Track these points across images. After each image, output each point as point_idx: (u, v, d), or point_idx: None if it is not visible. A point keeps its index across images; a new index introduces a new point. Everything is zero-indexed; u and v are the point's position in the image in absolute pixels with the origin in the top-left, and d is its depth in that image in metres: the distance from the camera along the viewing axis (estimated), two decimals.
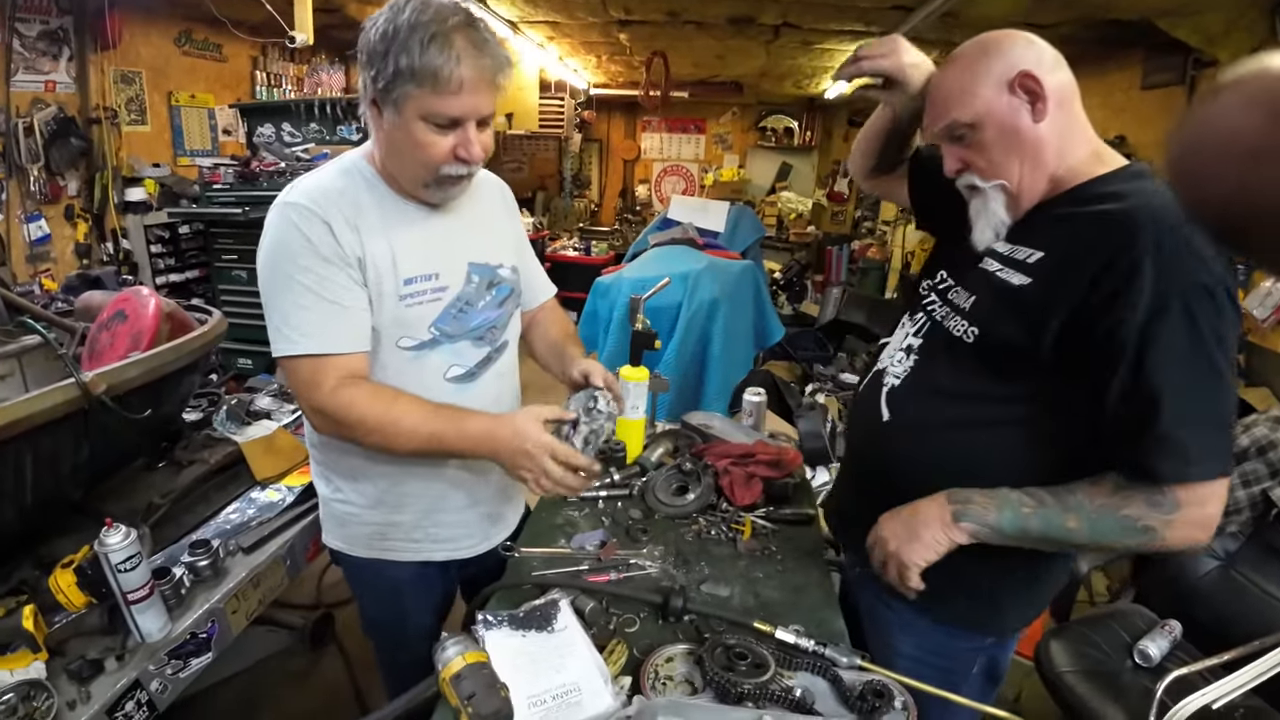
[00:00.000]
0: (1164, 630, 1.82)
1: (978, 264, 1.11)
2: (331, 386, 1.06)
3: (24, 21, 3.66)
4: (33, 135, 3.72)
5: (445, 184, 1.09)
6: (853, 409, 1.36)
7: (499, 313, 1.25)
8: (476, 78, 0.99)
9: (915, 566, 1.02)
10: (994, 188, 1.03)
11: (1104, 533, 0.94)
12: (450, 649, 0.77)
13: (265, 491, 1.66)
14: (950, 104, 1.02)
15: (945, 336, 1.11)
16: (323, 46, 5.57)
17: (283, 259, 1.06)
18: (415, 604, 1.38)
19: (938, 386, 1.11)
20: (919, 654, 1.18)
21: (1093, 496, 0.95)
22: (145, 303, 1.60)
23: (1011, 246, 1.06)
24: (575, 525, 1.49)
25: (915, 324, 1.20)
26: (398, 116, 1.02)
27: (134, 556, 1.11)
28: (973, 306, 1.08)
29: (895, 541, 1.04)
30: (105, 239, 4.20)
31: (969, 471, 1.05)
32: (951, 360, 1.10)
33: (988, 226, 1.06)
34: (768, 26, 4.53)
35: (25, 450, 1.23)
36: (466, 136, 1.04)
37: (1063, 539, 0.96)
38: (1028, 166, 1.01)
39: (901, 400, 1.16)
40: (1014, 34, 1.02)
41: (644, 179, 9.25)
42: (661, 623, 1.18)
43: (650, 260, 3.94)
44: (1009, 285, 1.02)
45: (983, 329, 1.05)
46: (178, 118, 4.72)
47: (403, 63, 0.96)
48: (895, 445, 1.16)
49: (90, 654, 1.14)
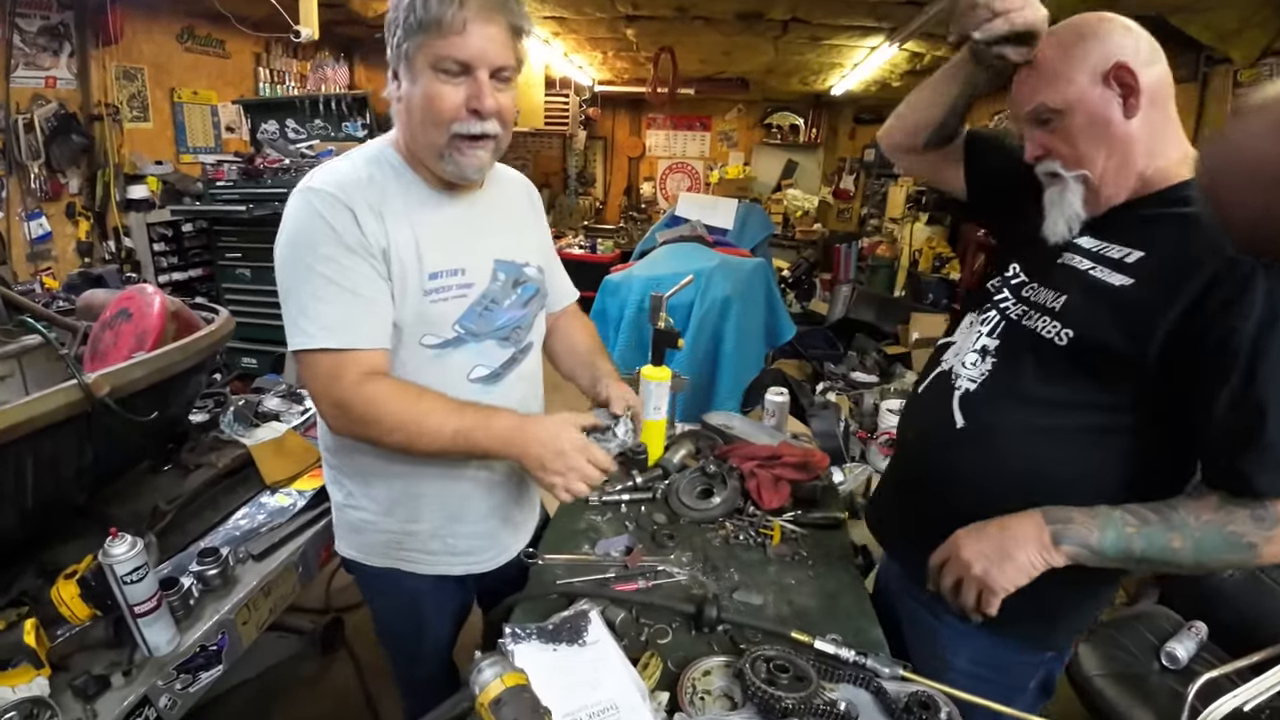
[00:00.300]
0: (1190, 632, 1.81)
1: (1057, 260, 1.04)
2: (353, 381, 1.01)
3: (24, 16, 3.61)
4: (33, 132, 3.67)
5: (460, 146, 1.02)
6: (911, 413, 1.27)
7: (524, 312, 1.20)
8: (483, 20, 0.95)
9: (1003, 592, 0.94)
10: (1075, 178, 0.99)
11: (1208, 551, 0.88)
12: (487, 671, 0.72)
13: (275, 496, 1.61)
14: (1041, 86, 0.97)
15: (1029, 337, 1.04)
16: (327, 42, 5.53)
17: (304, 248, 1.01)
18: (433, 614, 1.33)
19: (1022, 392, 1.03)
20: (974, 668, 1.12)
21: (1198, 513, 0.89)
22: (150, 301, 1.55)
23: (1100, 243, 1.00)
24: (599, 531, 1.43)
25: (987, 323, 1.12)
26: (411, 72, 0.99)
27: (141, 568, 1.06)
28: (1064, 307, 1.00)
29: (982, 563, 0.94)
30: (107, 237, 4.16)
31: (1055, 485, 0.99)
32: (1038, 364, 1.02)
33: (1060, 218, 1.01)
34: (776, 22, 4.49)
35: (26, 454, 1.18)
36: (479, 87, 0.98)
37: (1165, 560, 0.90)
38: (1113, 161, 0.96)
39: (979, 406, 1.08)
40: (1112, 18, 0.97)
41: (649, 176, 9.21)
42: (694, 633, 1.13)
43: (661, 258, 3.89)
44: (1107, 285, 0.96)
45: (1079, 331, 0.97)
46: (180, 114, 4.68)
47: (411, 18, 0.94)
48: (970, 455, 1.08)
49: (96, 669, 1.08)
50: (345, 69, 5.87)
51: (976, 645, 1.12)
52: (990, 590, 0.94)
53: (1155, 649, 1.79)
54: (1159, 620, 1.89)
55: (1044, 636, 1.13)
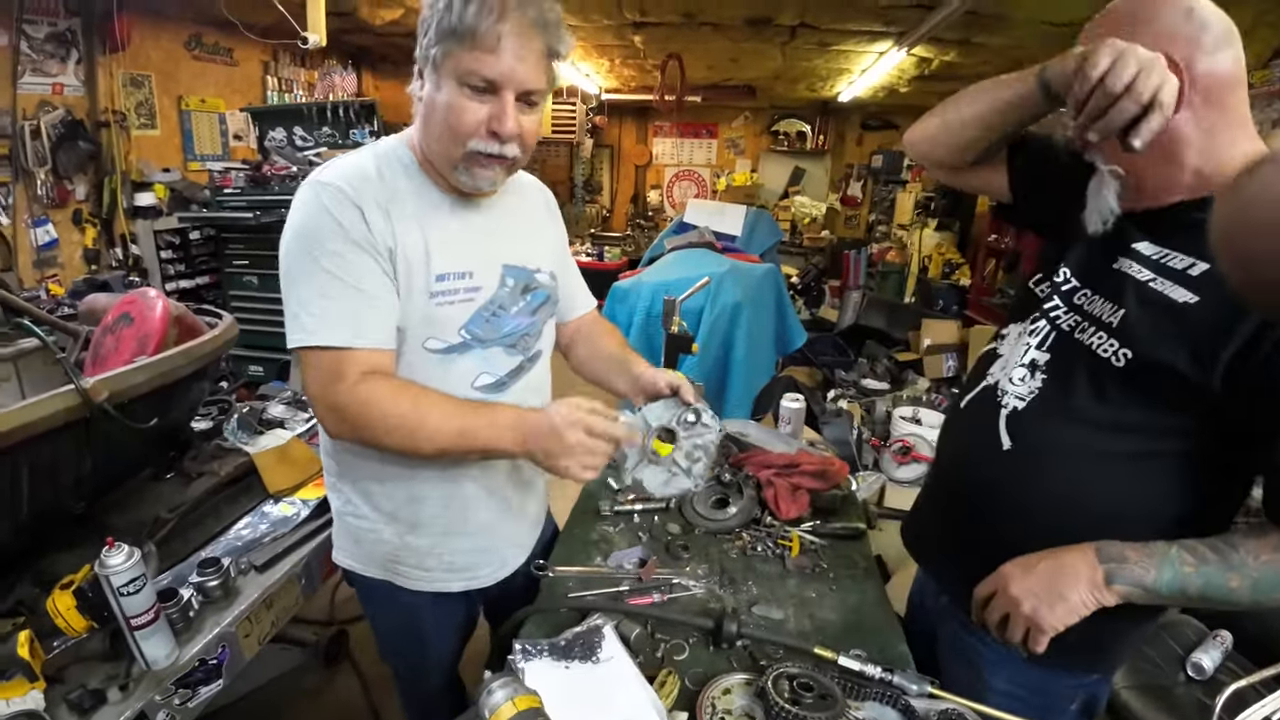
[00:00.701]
0: (1215, 641, 1.79)
1: (1113, 264, 0.97)
2: (353, 381, 0.97)
3: (31, 23, 3.63)
4: (40, 138, 3.68)
5: (475, 164, 0.99)
6: (954, 429, 1.20)
7: (533, 320, 1.16)
8: (518, 39, 0.91)
9: (1051, 631, 0.89)
10: (1110, 172, 0.92)
11: (1265, 590, 0.83)
12: (498, 693, 0.67)
13: (279, 505, 1.57)
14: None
15: (1084, 353, 0.96)
16: (335, 50, 5.56)
17: (310, 241, 0.97)
18: (433, 629, 1.28)
19: (1077, 413, 0.96)
20: (1013, 689, 1.06)
21: (1257, 553, 0.83)
22: (152, 305, 1.52)
23: (1161, 250, 0.92)
24: (611, 542, 1.39)
25: (1036, 334, 1.04)
26: (436, 77, 0.95)
27: (138, 578, 1.02)
28: (1122, 322, 0.92)
29: (1031, 601, 0.89)
30: (114, 244, 4.16)
31: (1104, 512, 0.93)
32: (1091, 383, 0.95)
33: (1095, 213, 0.94)
34: (784, 27, 4.48)
35: (22, 461, 1.15)
36: (503, 108, 0.95)
37: (1222, 599, 0.84)
38: (1155, 159, 0.88)
39: (1028, 426, 1.01)
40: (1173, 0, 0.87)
41: (656, 184, 9.20)
42: (713, 649, 1.09)
43: (671, 263, 3.87)
44: (1170, 301, 0.88)
45: (1138, 351, 0.89)
46: (188, 122, 4.70)
47: (445, 23, 0.90)
48: (1016, 478, 1.01)
49: (92, 683, 1.05)
50: (353, 76, 5.90)
51: (1017, 667, 1.06)
52: (1039, 629, 0.89)
53: (1181, 659, 1.78)
54: (1184, 630, 1.86)
55: (1090, 662, 1.07)
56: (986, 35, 4.11)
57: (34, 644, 1.04)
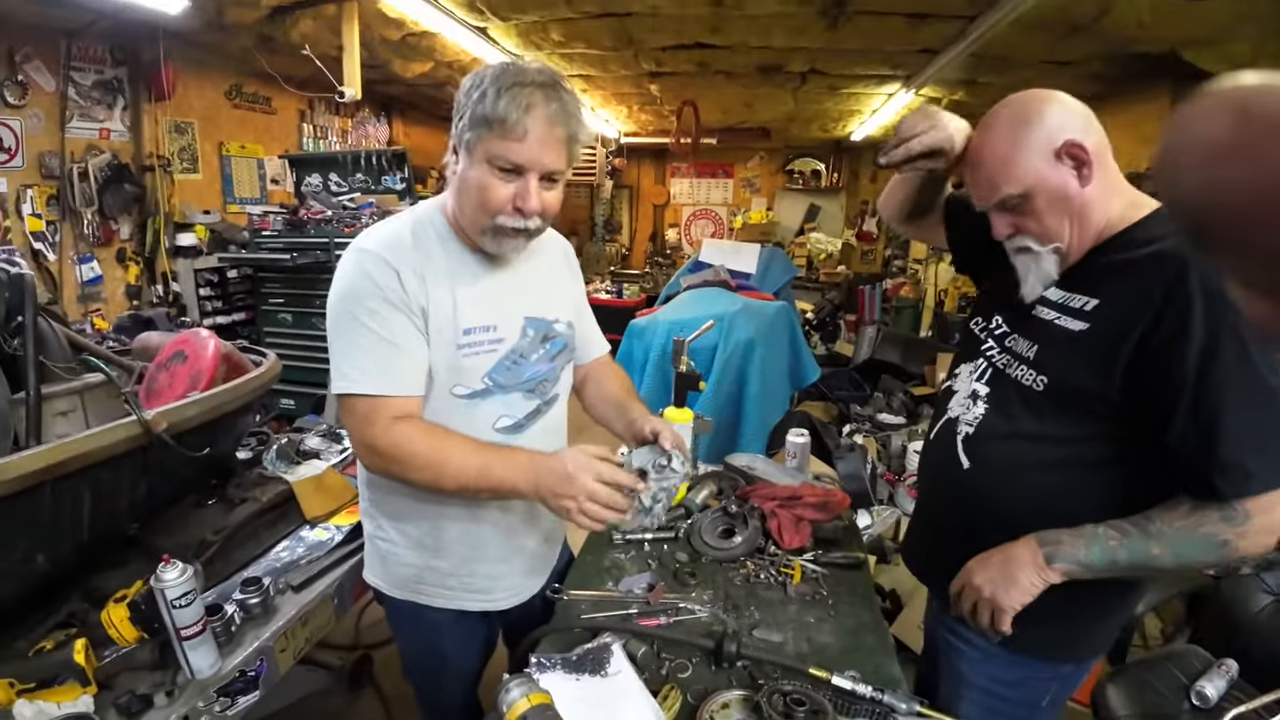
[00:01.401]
0: (1220, 670, 1.78)
1: (1031, 311, 1.14)
2: (384, 425, 1.08)
3: (79, 70, 3.86)
4: (87, 180, 3.87)
5: (501, 235, 1.11)
6: (926, 458, 1.36)
7: (550, 366, 1.27)
8: (543, 130, 1.03)
9: (1011, 610, 1.04)
10: (1049, 251, 1.07)
11: (1186, 554, 0.98)
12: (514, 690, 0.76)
13: (314, 530, 1.67)
14: (998, 179, 1.05)
15: (1013, 384, 1.14)
16: (368, 101, 5.82)
17: (352, 301, 1.09)
18: (455, 648, 1.36)
19: (1015, 431, 1.13)
20: (993, 686, 1.20)
21: (1170, 521, 0.99)
22: (205, 344, 1.65)
23: (1064, 294, 1.10)
24: (622, 568, 1.47)
25: (977, 370, 1.23)
26: (469, 158, 1.07)
27: (189, 593, 1.12)
28: (1037, 355, 1.11)
29: (990, 587, 1.05)
30: (156, 281, 4.35)
31: (1055, 512, 1.07)
32: (1025, 405, 1.12)
33: (1038, 282, 1.10)
34: (795, 73, 4.64)
35: (85, 485, 1.25)
36: (526, 187, 1.07)
37: (1149, 564, 1.00)
38: (1077, 227, 1.05)
39: (979, 447, 1.18)
40: (1046, 97, 1.04)
41: (674, 223, 9.39)
42: (714, 668, 1.16)
43: (685, 302, 3.97)
44: (1069, 332, 1.07)
45: (1051, 377, 1.08)
46: (228, 167, 4.93)
47: (479, 110, 1.02)
48: (979, 493, 1.17)
49: (140, 689, 1.13)
50: (385, 126, 6.17)
51: (996, 664, 1.19)
52: (1000, 610, 1.04)
53: (1185, 688, 1.77)
54: (1190, 659, 1.86)
55: (1060, 648, 1.18)
56: (992, 75, 4.23)
57: (89, 651, 1.12)
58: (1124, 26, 3.06)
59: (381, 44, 4.01)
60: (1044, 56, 3.72)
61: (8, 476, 1.08)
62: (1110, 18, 2.98)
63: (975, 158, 1.09)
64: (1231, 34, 2.96)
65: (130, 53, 4.09)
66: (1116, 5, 2.84)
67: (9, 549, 1.16)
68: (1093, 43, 3.38)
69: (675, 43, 3.97)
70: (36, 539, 1.20)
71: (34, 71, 3.62)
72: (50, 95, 3.72)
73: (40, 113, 3.68)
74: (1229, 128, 0.48)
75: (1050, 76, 4.06)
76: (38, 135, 3.69)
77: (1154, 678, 1.79)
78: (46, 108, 3.71)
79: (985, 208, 1.10)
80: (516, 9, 3.37)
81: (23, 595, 1.26)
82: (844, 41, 3.77)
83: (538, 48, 4.07)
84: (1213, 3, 2.69)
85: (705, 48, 4.04)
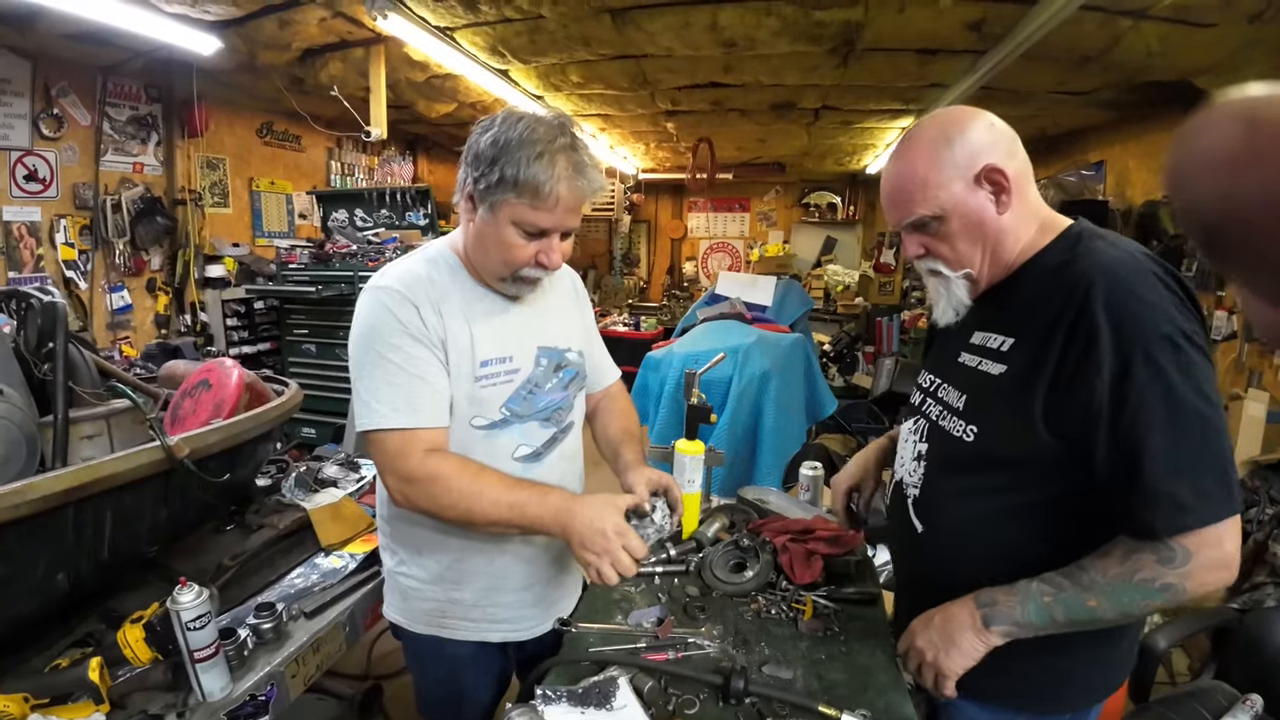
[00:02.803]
0: (1245, 705, 1.72)
1: (957, 359, 1.12)
2: (420, 456, 1.10)
3: (114, 106, 4.05)
4: (120, 212, 4.03)
5: (521, 283, 1.17)
6: (890, 519, 1.32)
7: (564, 395, 1.30)
8: (571, 198, 1.07)
9: (953, 675, 1.00)
10: (959, 276, 1.05)
11: (1125, 603, 0.91)
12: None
13: (329, 558, 1.68)
14: (915, 198, 1.01)
15: (947, 437, 1.11)
16: (394, 139, 6.01)
17: (374, 338, 1.13)
18: (473, 682, 1.36)
19: (958, 489, 1.09)
20: None
21: (1104, 570, 0.92)
22: (229, 373, 1.70)
23: (984, 335, 1.08)
24: (632, 601, 1.46)
25: (917, 429, 1.20)
26: (491, 216, 1.10)
27: (204, 615, 1.13)
28: (965, 405, 1.08)
29: (931, 650, 1.02)
30: (184, 311, 4.49)
31: (1020, 563, 1.01)
32: (961, 460, 1.08)
33: (949, 308, 1.08)
34: (808, 110, 4.71)
35: (108, 507, 1.28)
36: (550, 245, 1.12)
37: (1090, 619, 0.94)
38: (990, 254, 1.02)
39: (926, 510, 1.15)
40: (972, 115, 1.00)
41: (691, 256, 9.48)
42: (722, 704, 1.14)
43: (700, 334, 3.98)
44: (989, 376, 1.03)
45: (980, 426, 1.04)
46: (258, 202, 5.10)
47: (508, 172, 1.04)
48: (936, 554, 1.13)
49: (152, 709, 1.14)
50: (410, 164, 6.35)
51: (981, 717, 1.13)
52: (943, 674, 1.00)
53: None
54: (1215, 695, 1.80)
55: (1051, 700, 1.11)
56: (1004, 108, 4.23)
57: (103, 670, 1.14)
58: (1134, 56, 3.07)
59: (407, 85, 4.16)
60: (1055, 87, 3.74)
61: (33, 497, 1.11)
62: (1120, 48, 2.99)
63: (893, 173, 1.04)
64: (1241, 61, 2.96)
65: (165, 90, 4.29)
66: (1125, 36, 2.86)
67: (31, 567, 1.19)
68: (1104, 73, 3.40)
69: (690, 82, 4.07)
70: (58, 558, 1.23)
71: (70, 106, 3.80)
72: (85, 129, 3.90)
73: (75, 146, 3.85)
74: (1238, 139, 0.48)
75: (1062, 105, 4.10)
76: (72, 167, 3.85)
77: (1178, 716, 1.74)
78: (81, 141, 3.88)
79: (897, 227, 1.07)
80: (536, 52, 3.49)
81: (42, 613, 1.28)
82: (855, 78, 3.84)
83: (557, 89, 4.19)
84: (1222, 31, 2.69)
85: (719, 87, 4.13)
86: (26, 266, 3.65)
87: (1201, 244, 0.54)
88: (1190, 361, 0.86)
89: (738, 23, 3.02)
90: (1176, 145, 0.53)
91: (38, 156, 3.67)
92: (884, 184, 1.07)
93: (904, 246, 1.09)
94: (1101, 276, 0.90)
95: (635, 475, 1.29)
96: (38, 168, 3.67)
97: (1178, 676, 2.41)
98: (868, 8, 2.82)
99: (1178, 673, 2.42)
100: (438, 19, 3.04)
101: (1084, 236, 0.99)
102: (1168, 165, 0.54)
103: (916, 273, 7.79)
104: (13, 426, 1.38)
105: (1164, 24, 2.71)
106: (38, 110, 3.63)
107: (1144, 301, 0.87)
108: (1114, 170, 4.46)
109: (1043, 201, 1.05)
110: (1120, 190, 4.33)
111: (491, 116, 1.10)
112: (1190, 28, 2.71)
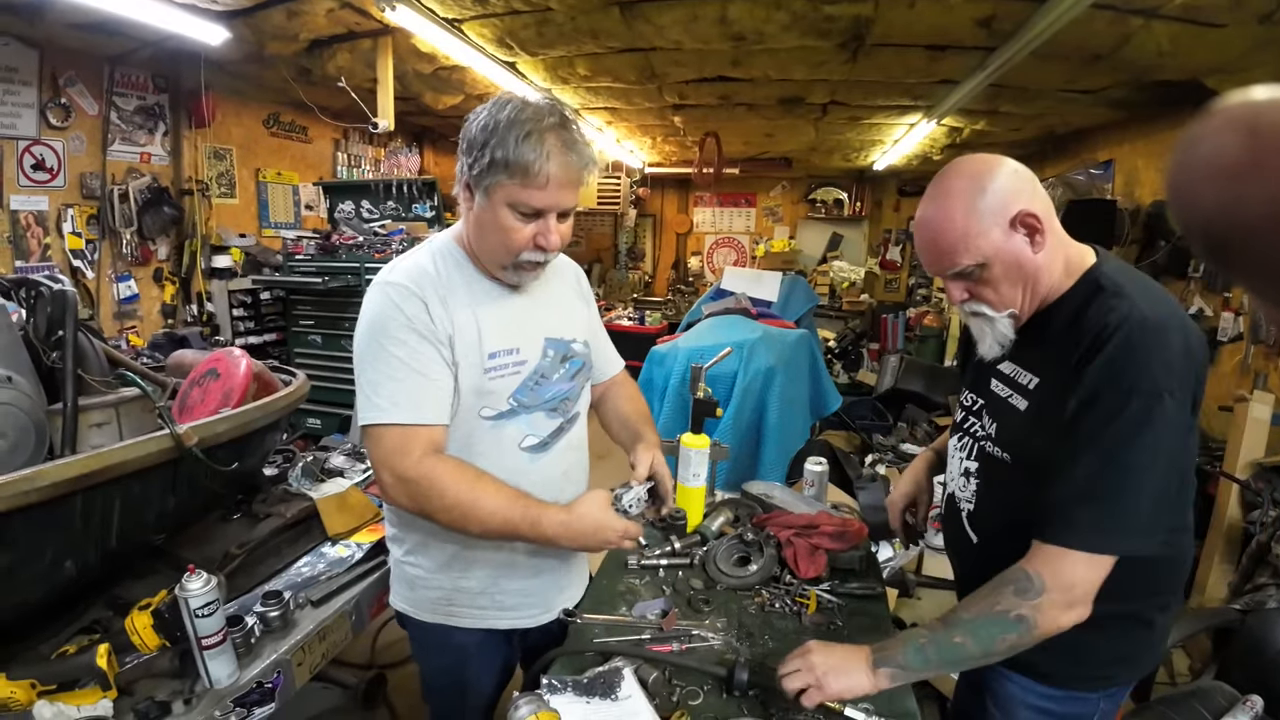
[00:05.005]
0: (1246, 706, 1.72)
1: (990, 387, 1.20)
2: (418, 456, 1.10)
3: (122, 96, 4.04)
4: (127, 202, 4.03)
5: (522, 268, 1.17)
6: (944, 527, 1.38)
7: (571, 385, 1.31)
8: (563, 175, 1.07)
9: (831, 697, 1.04)
10: (1005, 317, 1.10)
11: (986, 638, 0.98)
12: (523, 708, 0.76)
13: (335, 547, 1.69)
14: (957, 248, 1.04)
15: (992, 459, 1.18)
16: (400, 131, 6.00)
17: (380, 332, 1.13)
18: (477, 671, 1.37)
19: (1008, 501, 1.14)
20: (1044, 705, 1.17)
21: (969, 606, 1.01)
22: (237, 363, 1.71)
23: (1013, 367, 1.15)
24: (637, 593, 1.47)
25: (964, 447, 1.26)
26: (487, 201, 1.10)
27: (212, 603, 1.14)
28: (998, 432, 1.16)
29: (824, 669, 1.05)
30: (190, 301, 4.50)
31: None
32: (1007, 478, 1.14)
33: (995, 343, 1.13)
34: (816, 105, 4.69)
35: (115, 495, 1.30)
36: (547, 226, 1.11)
37: (959, 658, 1.01)
38: (1030, 292, 1.08)
39: (981, 522, 1.21)
40: (997, 162, 1.04)
41: (696, 251, 9.46)
42: (725, 696, 1.15)
43: (705, 329, 3.98)
44: (1017, 410, 1.12)
45: (1012, 453, 1.13)
46: (264, 192, 5.10)
47: (498, 154, 1.05)
48: (990, 564, 1.13)
49: (159, 696, 1.15)
50: (416, 155, 6.35)
51: (1029, 700, 1.18)
52: (820, 689, 1.04)
53: None
54: (1215, 696, 1.80)
55: (1090, 679, 1.16)
56: (1013, 105, 4.24)
57: (111, 657, 1.15)
58: (1144, 55, 3.05)
59: (414, 77, 4.15)
60: (1064, 85, 3.72)
61: (42, 484, 1.12)
62: (1130, 47, 2.98)
63: (928, 227, 1.07)
64: (1251, 62, 2.94)
65: (172, 80, 4.28)
66: (1136, 35, 2.84)
67: (39, 554, 1.20)
68: (1113, 71, 3.38)
69: (698, 76, 4.05)
70: (66, 546, 1.24)
71: (77, 95, 3.79)
72: (93, 119, 3.90)
73: (82, 135, 3.85)
74: (1239, 147, 0.48)
75: (1072, 104, 4.08)
76: (79, 157, 3.85)
77: (1178, 716, 1.74)
78: (89, 131, 3.88)
79: (939, 276, 1.11)
80: (544, 44, 3.48)
81: (50, 600, 1.30)
82: (864, 74, 3.81)
83: (564, 82, 4.18)
84: (1232, 31, 2.68)
85: (727, 81, 4.11)
86: (33, 256, 3.66)
87: (1204, 253, 0.54)
88: (1156, 418, 0.91)
89: (747, 16, 3.00)
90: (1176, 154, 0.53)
91: (45, 146, 3.67)
92: (920, 235, 1.10)
93: (948, 293, 1.13)
94: (1124, 330, 0.95)
95: (643, 454, 1.34)
96: (45, 157, 3.68)
97: (1178, 677, 2.41)
98: (878, 3, 2.80)
99: (1178, 673, 2.42)
100: (446, 10, 3.04)
101: (1101, 288, 1.03)
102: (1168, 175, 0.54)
103: (922, 270, 7.83)
104: (22, 414, 1.39)
105: (1174, 23, 2.70)
106: (45, 100, 3.64)
107: (1135, 360, 0.93)
108: (1122, 169, 4.44)
109: (1063, 231, 1.08)
110: (1129, 190, 4.31)
111: (484, 104, 1.11)
112: (1201, 28, 2.70)
